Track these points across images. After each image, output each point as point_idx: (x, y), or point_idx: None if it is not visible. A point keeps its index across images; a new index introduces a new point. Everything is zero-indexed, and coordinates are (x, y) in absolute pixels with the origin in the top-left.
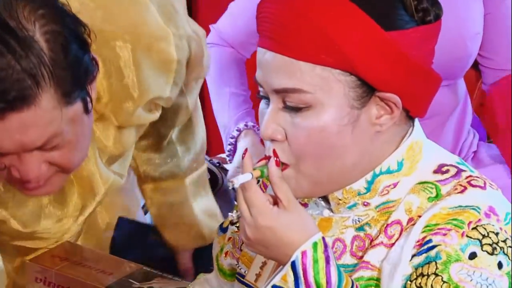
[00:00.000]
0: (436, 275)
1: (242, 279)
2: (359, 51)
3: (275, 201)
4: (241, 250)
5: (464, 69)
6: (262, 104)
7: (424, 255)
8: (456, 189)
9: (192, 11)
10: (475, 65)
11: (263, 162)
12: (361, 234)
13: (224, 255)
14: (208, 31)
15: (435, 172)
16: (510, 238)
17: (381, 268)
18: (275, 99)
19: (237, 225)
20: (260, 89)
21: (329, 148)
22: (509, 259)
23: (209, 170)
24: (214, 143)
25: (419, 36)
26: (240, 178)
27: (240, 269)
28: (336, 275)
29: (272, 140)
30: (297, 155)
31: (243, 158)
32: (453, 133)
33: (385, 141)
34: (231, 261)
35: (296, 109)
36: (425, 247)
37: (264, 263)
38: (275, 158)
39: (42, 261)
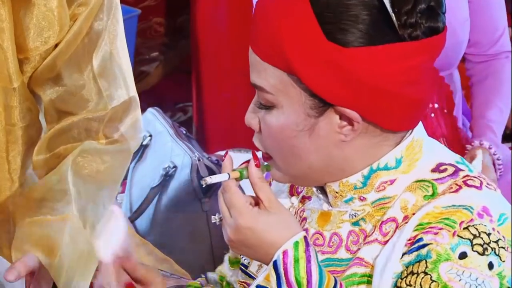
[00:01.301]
0: (426, 273)
1: (245, 270)
2: (303, 61)
3: (256, 202)
4: None
5: (458, 57)
6: None
7: (415, 253)
8: (451, 188)
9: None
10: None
11: (245, 164)
12: (356, 229)
13: None
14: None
15: (433, 170)
16: (503, 239)
17: (374, 265)
18: (257, 92)
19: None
20: None
21: (289, 148)
22: (500, 260)
23: (208, 168)
24: (212, 140)
25: (396, 54)
26: (214, 177)
27: (244, 259)
28: (317, 274)
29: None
30: (266, 147)
31: (223, 160)
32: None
33: (362, 146)
34: None
35: (264, 107)
36: (416, 245)
37: None
38: (255, 161)
39: None
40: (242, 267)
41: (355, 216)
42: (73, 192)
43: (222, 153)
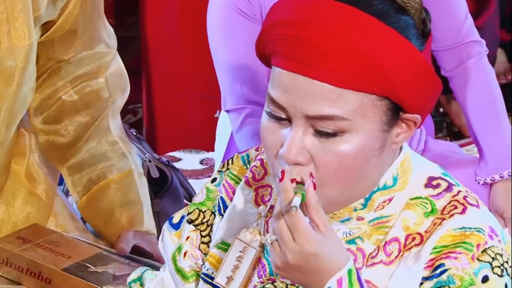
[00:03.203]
0: None
1: (210, 281)
2: (403, 75)
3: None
4: (200, 249)
5: None
6: (270, 121)
7: (436, 279)
8: (455, 207)
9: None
10: None
11: (296, 184)
12: (353, 247)
13: (183, 256)
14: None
15: (426, 186)
16: (510, 258)
17: None
18: (302, 123)
19: (196, 223)
20: (276, 109)
21: (358, 173)
22: (511, 279)
23: (158, 169)
24: (163, 142)
25: (428, 50)
26: (296, 202)
27: (206, 269)
28: None
29: (295, 164)
30: (324, 179)
31: (280, 181)
32: None
33: (388, 157)
34: (191, 262)
35: (327, 134)
36: (438, 271)
37: (236, 267)
38: (313, 180)
39: (6, 242)
40: (206, 277)
41: (349, 234)
42: None
43: (172, 154)
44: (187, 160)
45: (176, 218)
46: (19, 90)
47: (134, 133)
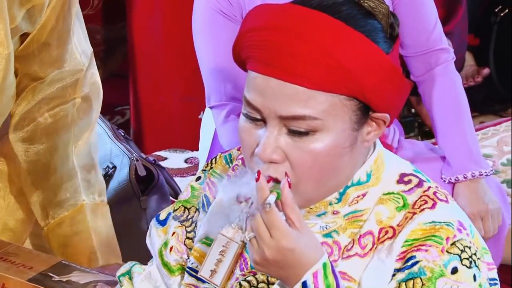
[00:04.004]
0: None
1: (195, 274)
2: (369, 76)
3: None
4: (185, 244)
5: None
6: (247, 122)
7: (407, 271)
8: (426, 202)
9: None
10: None
11: (270, 183)
12: (329, 240)
13: (169, 251)
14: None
15: (399, 182)
16: (478, 250)
17: (361, 281)
18: (276, 123)
19: (182, 220)
20: (251, 110)
21: (331, 170)
22: (479, 270)
23: (145, 167)
24: (149, 141)
25: (396, 52)
26: (270, 199)
27: (191, 263)
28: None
29: (270, 162)
30: (300, 177)
31: (257, 180)
32: None
33: (360, 154)
34: (177, 256)
35: (300, 133)
36: (409, 263)
37: (220, 261)
38: (288, 179)
39: None
40: (190, 271)
41: (326, 228)
42: None
43: (158, 153)
44: (173, 159)
45: (162, 215)
46: (1, 97)
47: (122, 134)
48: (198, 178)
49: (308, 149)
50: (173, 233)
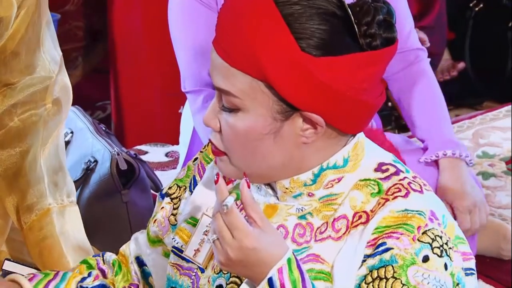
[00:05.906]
0: (395, 278)
1: (180, 253)
2: (276, 69)
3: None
4: (169, 221)
5: None
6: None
7: (378, 257)
8: (399, 190)
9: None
10: None
11: (231, 185)
12: (303, 222)
13: (153, 222)
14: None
15: (376, 170)
16: (449, 240)
17: (334, 264)
18: (219, 94)
19: (173, 197)
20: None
21: (252, 149)
22: (451, 260)
23: (126, 161)
24: (130, 136)
25: (356, 63)
26: (228, 201)
27: (176, 243)
28: (310, 283)
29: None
30: (227, 147)
31: (216, 182)
32: None
33: (319, 148)
34: (156, 229)
35: (228, 109)
36: (380, 249)
37: (203, 240)
38: (246, 180)
39: None
40: (176, 250)
41: (302, 210)
42: None
43: (139, 147)
44: (153, 153)
45: (165, 190)
46: None
47: (104, 128)
48: (195, 159)
49: (230, 124)
50: (162, 207)
